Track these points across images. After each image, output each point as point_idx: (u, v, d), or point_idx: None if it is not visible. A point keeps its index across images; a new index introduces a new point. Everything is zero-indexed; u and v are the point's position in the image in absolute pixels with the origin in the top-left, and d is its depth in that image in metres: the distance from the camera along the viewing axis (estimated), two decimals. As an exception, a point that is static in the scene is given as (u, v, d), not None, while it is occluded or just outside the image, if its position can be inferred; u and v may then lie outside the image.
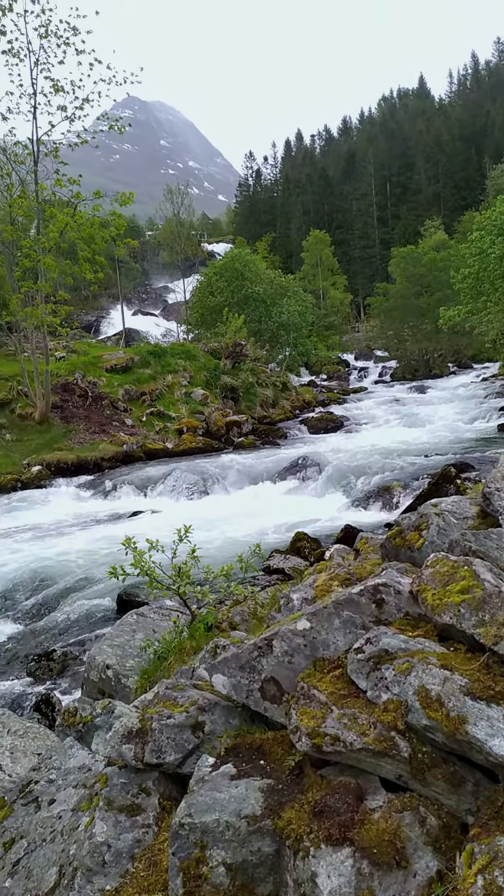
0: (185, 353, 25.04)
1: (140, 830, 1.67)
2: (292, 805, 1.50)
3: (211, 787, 1.61)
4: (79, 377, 21.54)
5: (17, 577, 9.59)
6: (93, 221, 19.53)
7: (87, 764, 2.02)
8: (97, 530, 12.19)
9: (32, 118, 18.40)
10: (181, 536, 4.00)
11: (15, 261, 19.49)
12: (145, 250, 71.64)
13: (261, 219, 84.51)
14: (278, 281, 35.05)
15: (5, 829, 1.88)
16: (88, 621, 7.89)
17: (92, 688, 4.13)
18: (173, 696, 2.02)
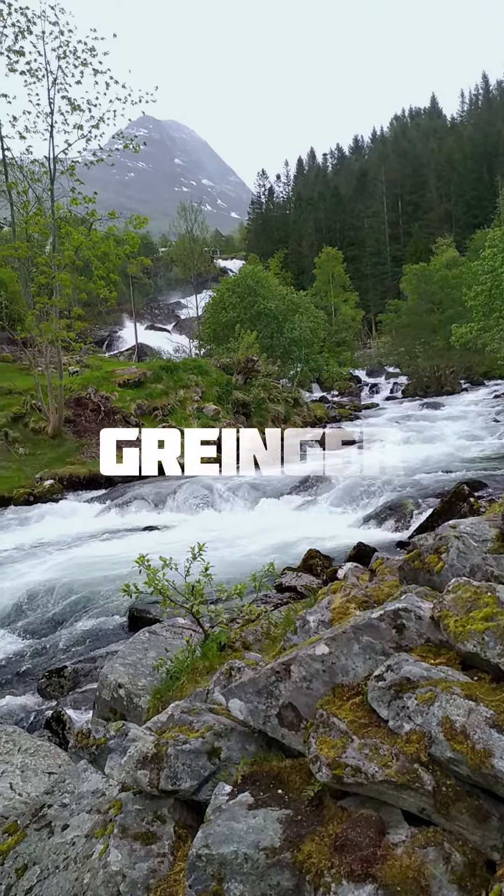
0: (197, 369, 25.15)
1: (155, 860, 1.63)
2: (312, 837, 1.47)
3: (228, 817, 1.58)
4: (91, 392, 21.67)
5: (28, 591, 9.58)
6: (108, 240, 19.75)
7: (100, 788, 1.99)
8: (109, 545, 12.18)
9: (49, 137, 18.70)
10: (195, 554, 3.98)
11: (30, 277, 19.71)
12: (158, 266, 72.32)
13: (273, 236, 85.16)
14: (290, 297, 35.19)
15: (18, 855, 1.85)
16: (100, 637, 7.86)
17: (104, 707, 4.09)
18: (189, 720, 1.99)
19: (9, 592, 9.53)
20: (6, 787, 4.11)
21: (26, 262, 19.71)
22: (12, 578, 10.33)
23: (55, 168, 18.89)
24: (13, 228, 19.92)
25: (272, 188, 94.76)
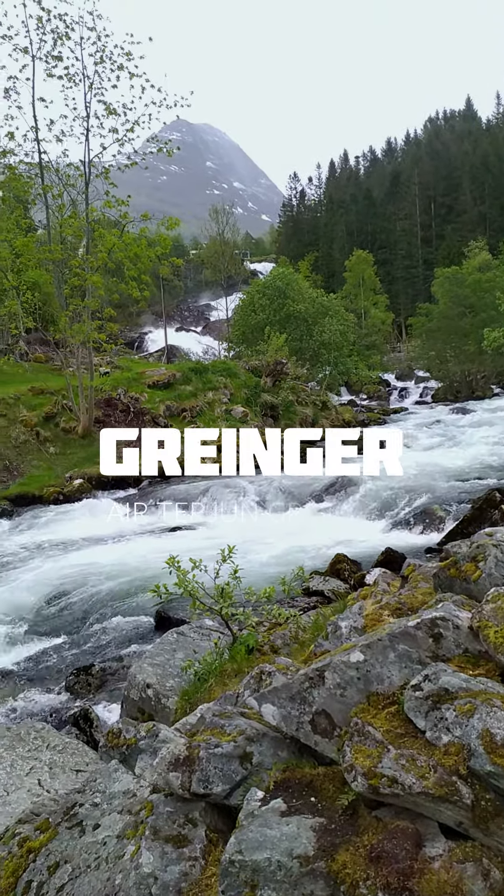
0: (225, 371, 25.21)
1: (187, 863, 1.63)
2: (346, 847, 1.45)
3: (261, 823, 1.56)
4: (121, 392, 21.86)
5: (57, 588, 9.69)
6: (140, 242, 19.93)
7: (131, 789, 2.00)
8: (137, 544, 12.26)
9: (85, 140, 18.94)
10: (224, 557, 3.98)
11: (64, 279, 19.98)
12: (188, 269, 72.74)
13: (304, 238, 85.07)
14: (320, 300, 35.10)
15: (50, 852, 1.87)
16: (126, 637, 7.91)
17: (132, 706, 4.12)
18: (220, 723, 1.98)
19: (39, 589, 9.66)
20: (34, 784, 4.15)
21: (60, 264, 19.99)
22: (42, 575, 10.47)
23: (90, 171, 19.13)
24: (48, 231, 20.21)
25: (303, 191, 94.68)
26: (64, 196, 19.65)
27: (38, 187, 19.26)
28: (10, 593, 9.74)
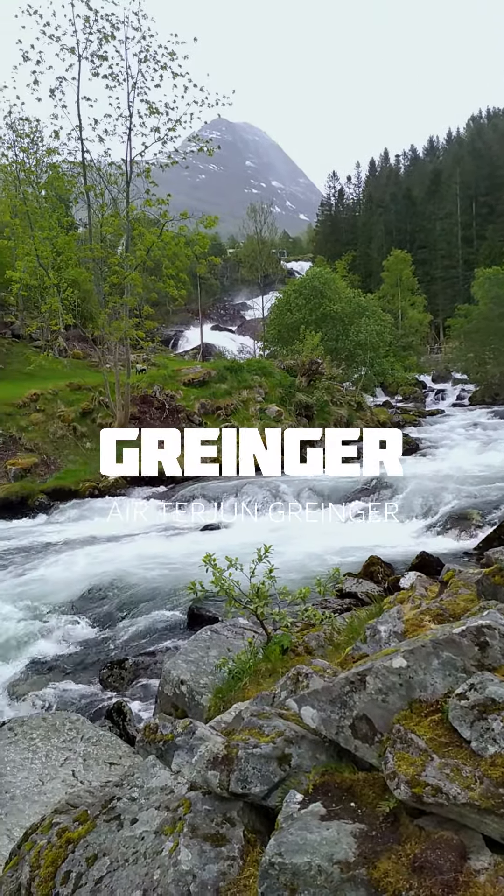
0: (260, 370, 25.21)
1: (225, 862, 1.63)
2: (388, 855, 1.43)
3: (301, 827, 1.56)
4: (157, 390, 22.05)
5: (91, 582, 9.83)
6: (178, 240, 20.05)
7: (169, 785, 2.01)
8: (170, 541, 12.37)
9: (127, 139, 19.13)
10: (260, 556, 3.98)
11: (103, 277, 20.22)
12: (225, 267, 72.97)
13: (341, 238, 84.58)
14: (357, 300, 34.86)
15: (88, 844, 1.89)
16: (159, 632, 7.98)
17: (166, 702, 4.14)
18: (258, 724, 1.98)
19: (73, 582, 9.81)
20: (69, 775, 4.22)
21: (100, 262, 20.23)
22: (77, 569, 10.63)
23: (131, 170, 19.32)
24: (89, 230, 20.48)
25: (342, 190, 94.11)
26: (105, 195, 19.88)
27: (81, 186, 19.52)
28: (45, 585, 9.92)
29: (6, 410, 19.79)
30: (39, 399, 20.43)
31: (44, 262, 19.98)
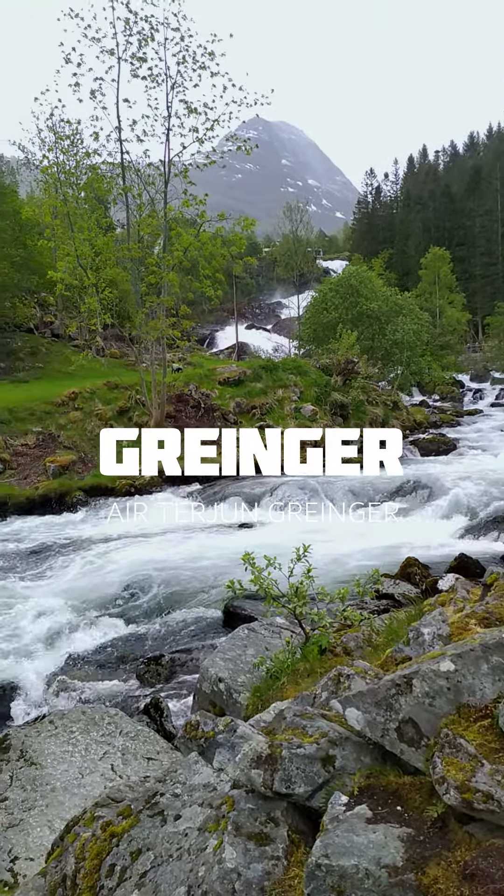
0: (296, 369, 25.15)
1: (270, 862, 1.63)
2: (437, 862, 1.41)
3: (347, 829, 1.54)
4: (193, 388, 22.17)
5: (128, 579, 9.94)
6: (215, 240, 20.12)
7: (211, 782, 2.01)
8: (204, 539, 12.43)
9: (166, 140, 19.27)
10: (299, 556, 3.96)
11: (140, 277, 20.42)
12: (261, 266, 72.93)
13: (378, 236, 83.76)
14: (394, 298, 34.48)
15: (132, 839, 1.90)
16: (194, 629, 8.03)
17: (203, 699, 4.16)
18: (302, 724, 1.97)
19: (110, 580, 9.93)
20: (108, 769, 4.27)
21: (137, 262, 20.43)
22: (115, 565, 10.76)
23: (170, 171, 19.45)
24: (127, 230, 20.69)
25: (379, 187, 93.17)
26: (143, 195, 20.06)
27: (119, 187, 19.74)
28: (83, 581, 10.07)
29: (46, 409, 20.15)
30: (77, 398, 20.74)
31: (83, 262, 20.26)
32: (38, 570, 10.93)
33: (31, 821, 3.83)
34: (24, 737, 4.41)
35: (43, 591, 9.63)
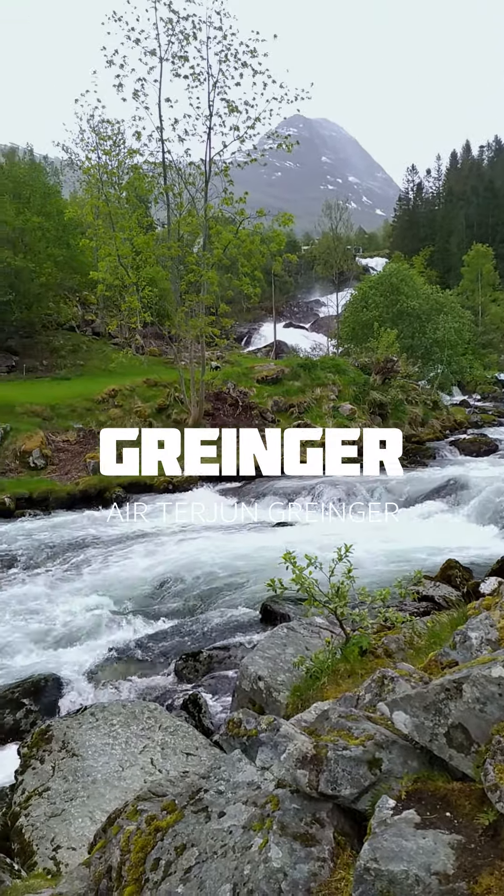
0: (334, 367, 25.00)
1: (316, 863, 1.62)
2: (490, 871, 1.38)
3: (395, 833, 1.52)
4: (231, 387, 22.24)
5: (165, 575, 10.03)
6: (254, 238, 20.13)
7: (255, 781, 2.01)
8: (241, 537, 12.45)
9: (207, 139, 19.35)
10: (340, 555, 3.93)
11: (180, 275, 20.56)
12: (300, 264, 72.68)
13: (419, 233, 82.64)
14: (435, 296, 33.99)
15: (177, 834, 1.92)
16: (231, 627, 8.05)
17: (243, 697, 4.17)
18: (347, 725, 1.95)
19: (149, 574, 10.04)
20: (147, 762, 4.32)
21: (177, 260, 20.57)
22: (152, 561, 10.87)
23: (210, 170, 19.53)
24: (167, 229, 20.85)
25: (421, 184, 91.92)
26: (184, 194, 20.19)
27: (161, 187, 19.89)
28: (121, 576, 10.20)
29: (86, 405, 20.46)
30: (117, 395, 21.00)
31: (124, 261, 20.49)
32: (78, 564, 11.11)
33: (72, 811, 3.89)
34: (65, 728, 4.49)
35: (82, 585, 9.78)
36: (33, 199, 29.27)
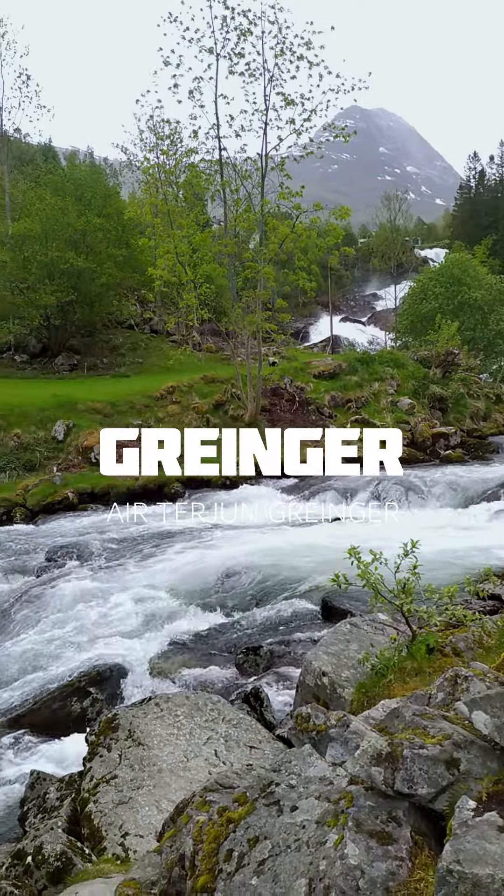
0: (393, 361, 24.62)
1: (393, 862, 1.59)
2: None
3: (478, 836, 1.48)
4: (287, 382, 22.19)
5: (224, 570, 10.08)
6: (311, 232, 19.98)
7: (327, 776, 1.99)
8: (300, 533, 12.41)
9: (263, 134, 19.32)
10: (406, 551, 3.86)
11: (236, 272, 20.62)
12: (356, 258, 71.81)
13: (481, 221, 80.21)
14: (499, 286, 33.00)
15: (249, 826, 1.92)
16: (291, 622, 8.03)
17: (307, 692, 4.15)
18: (422, 724, 1.91)
19: (208, 569, 10.12)
20: (211, 754, 4.35)
21: (233, 257, 20.64)
22: (210, 557, 10.95)
23: (266, 165, 19.49)
24: (224, 226, 20.95)
25: (483, 171, 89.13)
26: (240, 190, 20.23)
27: (217, 184, 19.98)
28: (181, 570, 10.32)
29: (145, 402, 20.80)
30: (175, 391, 21.26)
31: (182, 259, 20.70)
32: (139, 557, 11.30)
33: (139, 799, 3.96)
34: (131, 717, 4.57)
35: (143, 578, 9.95)
36: (94, 200, 29.91)
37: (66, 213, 26.81)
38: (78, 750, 5.03)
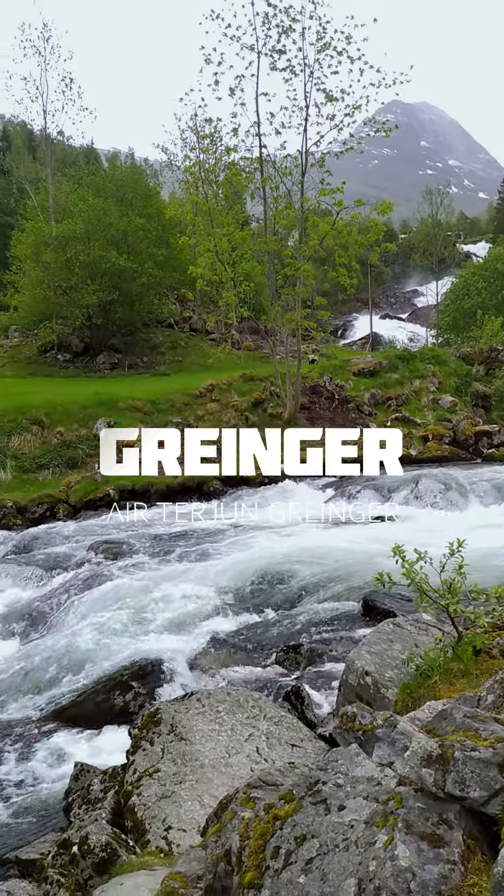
0: (434, 358, 24.25)
1: (445, 865, 1.56)
2: None
3: (535, 843, 1.44)
4: (327, 380, 22.06)
5: (263, 567, 10.08)
6: (351, 229, 19.81)
7: (375, 776, 1.97)
8: (339, 531, 12.33)
9: (303, 130, 19.22)
10: (452, 550, 3.79)
11: (275, 269, 20.58)
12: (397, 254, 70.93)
13: (525, 215, 78.48)
14: (544, 280, 32.18)
15: (296, 824, 1.91)
16: (331, 620, 7.98)
17: (350, 691, 4.12)
18: (474, 726, 1.87)
19: (249, 566, 10.13)
20: (253, 751, 4.36)
21: (273, 255, 20.60)
22: (249, 554, 10.97)
23: (307, 161, 19.40)
24: (264, 223, 20.93)
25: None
26: (280, 187, 20.17)
27: (257, 182, 19.97)
28: (221, 567, 10.36)
29: (184, 400, 20.97)
30: (214, 389, 21.36)
31: (222, 257, 20.76)
32: (179, 554, 11.40)
33: (182, 794, 3.99)
34: (173, 712, 4.60)
35: (184, 574, 10.02)
36: (135, 200, 30.25)
37: (107, 213, 27.18)
38: (120, 742, 5.09)
